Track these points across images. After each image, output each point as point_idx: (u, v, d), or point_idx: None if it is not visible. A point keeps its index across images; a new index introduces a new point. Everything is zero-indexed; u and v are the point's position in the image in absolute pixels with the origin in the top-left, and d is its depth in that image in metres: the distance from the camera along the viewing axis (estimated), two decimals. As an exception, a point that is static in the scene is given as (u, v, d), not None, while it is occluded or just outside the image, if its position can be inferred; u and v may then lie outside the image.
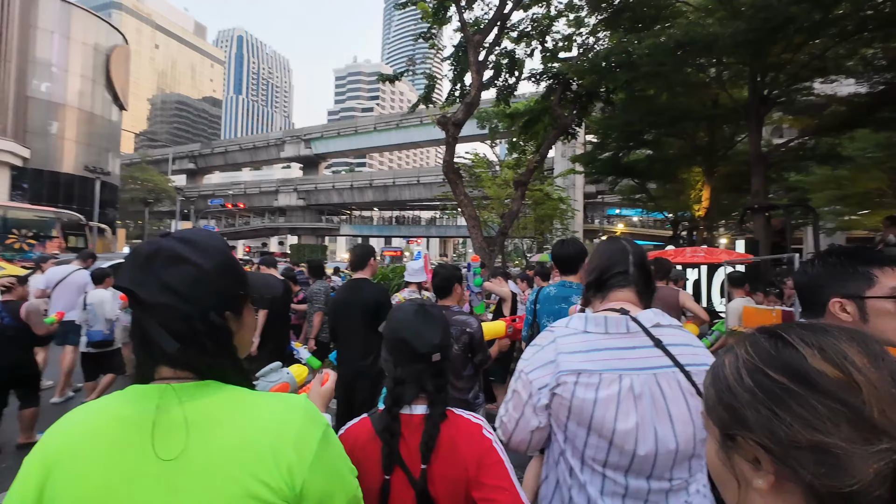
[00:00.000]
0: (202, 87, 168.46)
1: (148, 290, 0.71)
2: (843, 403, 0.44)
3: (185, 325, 0.71)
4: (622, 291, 1.22)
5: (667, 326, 1.14)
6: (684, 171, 14.71)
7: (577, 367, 1.09)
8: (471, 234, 10.92)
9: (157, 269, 0.72)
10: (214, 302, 0.75)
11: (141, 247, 0.76)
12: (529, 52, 12.70)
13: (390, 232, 56.01)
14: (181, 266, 0.73)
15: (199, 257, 0.75)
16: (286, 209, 54.81)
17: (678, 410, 1.06)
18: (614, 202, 41.55)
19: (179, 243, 0.76)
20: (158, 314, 0.71)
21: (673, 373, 1.08)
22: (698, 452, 1.08)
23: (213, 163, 60.56)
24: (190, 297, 0.72)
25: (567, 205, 20.94)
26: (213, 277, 0.75)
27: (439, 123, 10.04)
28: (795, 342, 0.49)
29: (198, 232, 0.80)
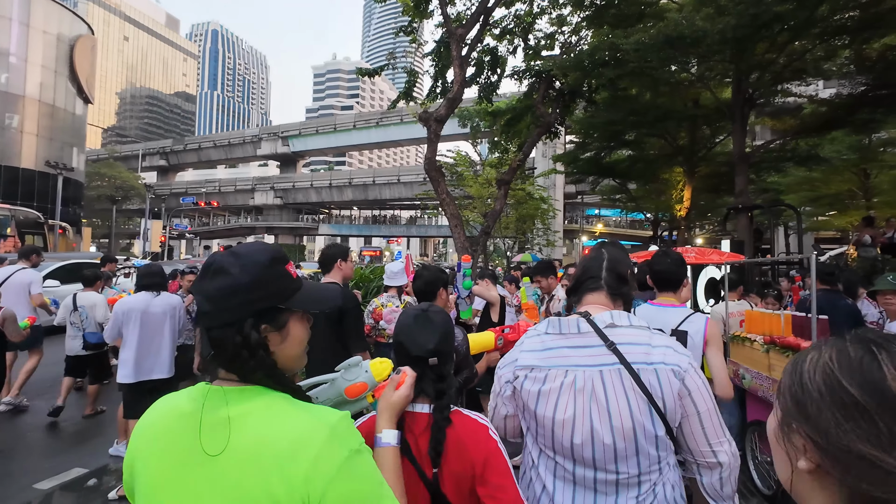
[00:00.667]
0: (174, 81, 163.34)
1: (199, 298, 0.82)
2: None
3: (221, 332, 0.80)
4: (593, 295, 1.32)
5: (623, 327, 1.21)
6: (665, 172, 14.78)
7: (530, 363, 1.24)
8: (453, 234, 10.64)
9: (207, 279, 0.82)
10: (248, 313, 0.81)
11: (205, 261, 0.85)
12: (512, 50, 12.54)
13: (370, 231, 55.29)
14: (222, 278, 0.81)
15: (238, 270, 0.81)
16: (263, 208, 53.51)
17: (617, 406, 1.13)
18: (594, 202, 41.99)
19: (229, 256, 0.83)
20: (203, 321, 0.81)
21: (618, 370, 1.15)
22: (644, 450, 1.12)
23: (185, 160, 58.63)
24: (224, 307, 0.80)
25: (548, 205, 20.88)
26: (247, 289, 0.81)
27: (421, 119, 9.73)
28: (882, 360, 0.48)
29: (250, 245, 0.88)
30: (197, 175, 70.18)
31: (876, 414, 0.46)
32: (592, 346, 1.19)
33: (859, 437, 0.46)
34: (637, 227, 42.31)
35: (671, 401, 1.12)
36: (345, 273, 2.75)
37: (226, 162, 62.60)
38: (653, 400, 1.12)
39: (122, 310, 3.16)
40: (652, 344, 1.18)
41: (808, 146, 10.40)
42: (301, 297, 0.89)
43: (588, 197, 38.92)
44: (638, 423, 1.11)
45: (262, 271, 0.82)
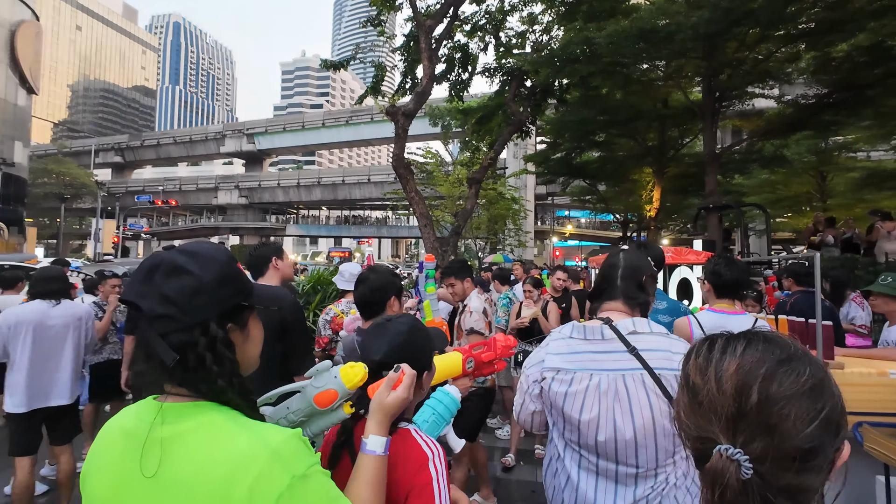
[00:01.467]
0: (132, 75, 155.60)
1: (149, 301, 0.73)
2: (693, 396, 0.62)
3: (185, 336, 0.73)
4: (611, 303, 1.40)
5: (645, 333, 1.29)
6: (635, 172, 14.87)
7: (557, 365, 1.33)
8: (422, 234, 10.24)
9: (158, 281, 0.74)
10: (215, 312, 0.76)
11: (145, 260, 0.78)
12: (483, 47, 12.28)
13: (339, 232, 54.10)
14: (181, 277, 0.75)
15: (198, 268, 0.76)
16: (227, 207, 51.46)
17: (640, 407, 1.22)
18: (564, 204, 42.46)
19: (181, 255, 0.77)
20: (159, 326, 0.73)
21: (641, 374, 1.24)
22: (662, 445, 1.21)
23: (143, 156, 55.71)
24: (189, 307, 0.74)
25: (520, 205, 20.76)
26: (213, 288, 0.76)
27: (388, 113, 9.28)
28: (706, 346, 0.64)
29: (202, 245, 0.83)
30: (156, 173, 66.91)
31: (683, 387, 0.64)
32: (616, 352, 1.28)
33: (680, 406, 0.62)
34: (606, 228, 43.06)
35: None
36: (283, 273, 2.30)
37: (187, 159, 59.99)
38: (672, 402, 1.15)
39: (9, 323, 2.57)
40: (672, 350, 1.27)
41: (774, 147, 10.59)
42: (257, 293, 0.87)
43: (558, 198, 39.31)
44: (658, 423, 1.20)
45: (224, 268, 0.79)
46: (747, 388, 0.53)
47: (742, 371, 0.54)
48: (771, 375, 0.53)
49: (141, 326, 0.75)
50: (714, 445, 0.54)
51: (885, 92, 7.24)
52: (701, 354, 0.60)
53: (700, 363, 0.59)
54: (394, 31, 12.96)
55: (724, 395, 0.54)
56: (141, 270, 0.76)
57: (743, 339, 0.58)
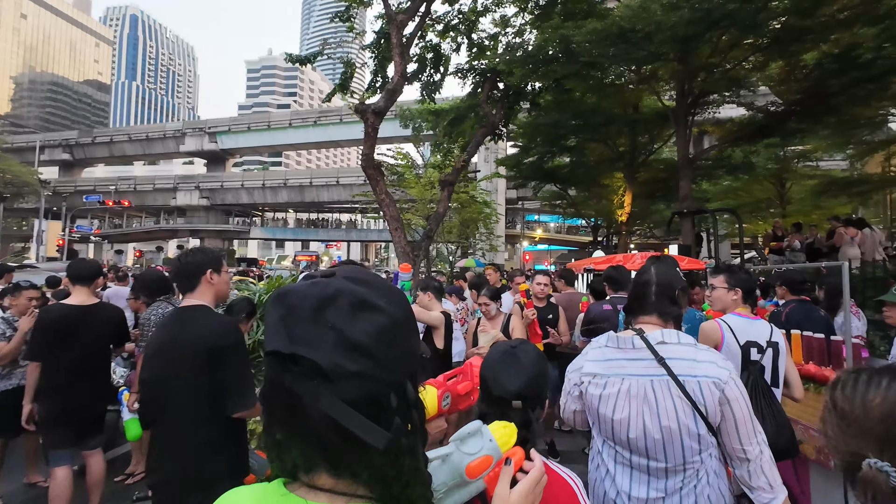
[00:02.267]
0: (84, 68, 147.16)
1: (326, 353, 0.50)
2: (842, 418, 0.73)
3: (377, 404, 0.51)
4: (646, 317, 1.53)
5: (672, 344, 1.42)
6: (606, 177, 14.96)
7: (593, 371, 1.49)
8: (392, 238, 9.81)
9: (336, 320, 0.52)
10: (410, 368, 0.57)
11: (300, 292, 0.54)
12: (456, 48, 12.03)
13: (306, 235, 52.65)
14: (372, 317, 0.53)
15: (388, 304, 0.55)
16: (186, 209, 49.08)
17: (665, 409, 1.35)
18: (534, 208, 42.86)
19: (358, 285, 0.56)
20: (347, 389, 0.50)
21: (666, 381, 1.37)
22: (688, 444, 1.34)
23: (94, 154, 52.41)
24: (387, 360, 0.53)
25: (492, 209, 20.59)
26: (407, 333, 0.58)
27: (357, 111, 8.83)
28: (854, 378, 0.74)
29: (360, 269, 0.62)
30: (109, 172, 63.08)
31: (831, 410, 0.75)
32: (645, 360, 1.40)
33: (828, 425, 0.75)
34: (575, 233, 43.74)
35: (712, 406, 1.33)
36: (218, 290, 1.84)
37: (143, 158, 57.02)
38: (696, 405, 1.33)
39: None
40: (697, 359, 1.38)
41: (744, 153, 10.81)
42: None
43: (528, 203, 39.62)
44: (682, 423, 1.33)
45: (408, 303, 0.60)
46: (892, 417, 0.67)
47: (887, 402, 0.68)
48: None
49: (293, 382, 0.50)
50: (862, 459, 0.67)
51: (848, 101, 7.43)
52: (848, 386, 0.73)
53: (848, 394, 0.72)
54: (364, 27, 12.49)
55: (871, 421, 0.68)
56: (300, 305, 0.52)
57: (887, 375, 0.71)
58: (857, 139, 10.21)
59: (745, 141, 9.29)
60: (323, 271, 0.61)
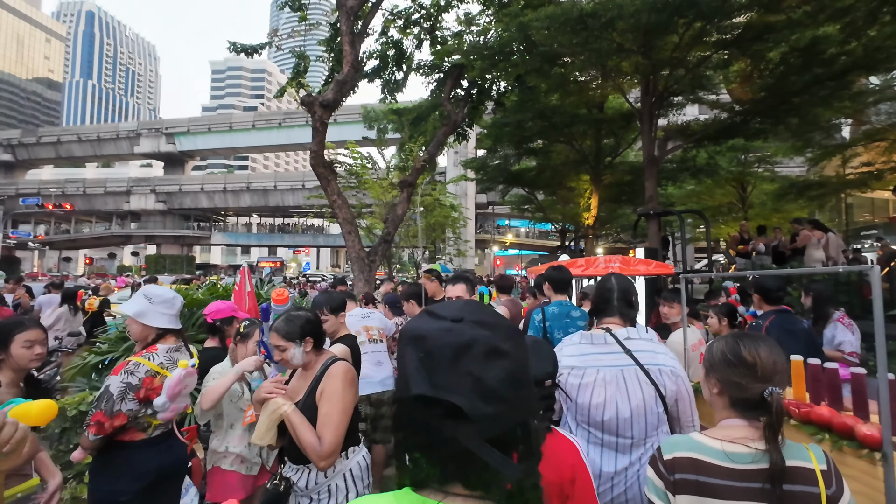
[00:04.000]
0: (33, 64, 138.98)
1: (467, 397, 0.58)
2: (749, 369, 1.12)
3: (505, 438, 0.61)
4: (610, 318, 1.82)
5: (636, 339, 1.73)
6: (572, 180, 14.70)
7: (571, 364, 1.72)
8: (346, 242, 9.12)
9: (472, 367, 0.59)
10: (533, 403, 0.67)
11: (436, 337, 0.62)
12: (417, 44, 11.50)
13: (272, 241, 50.87)
14: (503, 363, 0.61)
15: (513, 348, 0.63)
16: (141, 213, 46.57)
17: (634, 393, 1.63)
18: (504, 213, 42.76)
19: (485, 330, 0.62)
20: (483, 428, 0.58)
21: (634, 370, 1.66)
22: (650, 421, 1.63)
23: (39, 155, 49.17)
24: (517, 402, 0.62)
25: (459, 213, 20.11)
26: (528, 371, 0.66)
27: (303, 104, 8.13)
28: (741, 344, 1.16)
29: (483, 309, 0.68)
30: (57, 174, 59.29)
31: (737, 365, 1.13)
32: (615, 353, 1.70)
33: (734, 375, 1.13)
34: (546, 237, 43.91)
35: (671, 390, 1.66)
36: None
37: (95, 160, 53.85)
38: (658, 389, 1.64)
39: None
40: (656, 351, 1.72)
41: (708, 154, 10.70)
42: None
43: (499, 207, 39.45)
44: (647, 404, 1.62)
45: (525, 342, 0.66)
46: (774, 362, 1.12)
47: (770, 353, 1.13)
48: (779, 354, 1.13)
49: (433, 418, 0.59)
50: (762, 391, 1.10)
51: (809, 100, 7.29)
52: (743, 345, 1.16)
53: (748, 349, 1.15)
54: (327, 21, 11.80)
55: (765, 365, 1.11)
56: (439, 352, 0.59)
57: (757, 338, 1.18)
58: (816, 143, 10.27)
59: (709, 140, 9.12)
60: (451, 313, 0.64)
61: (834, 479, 1.07)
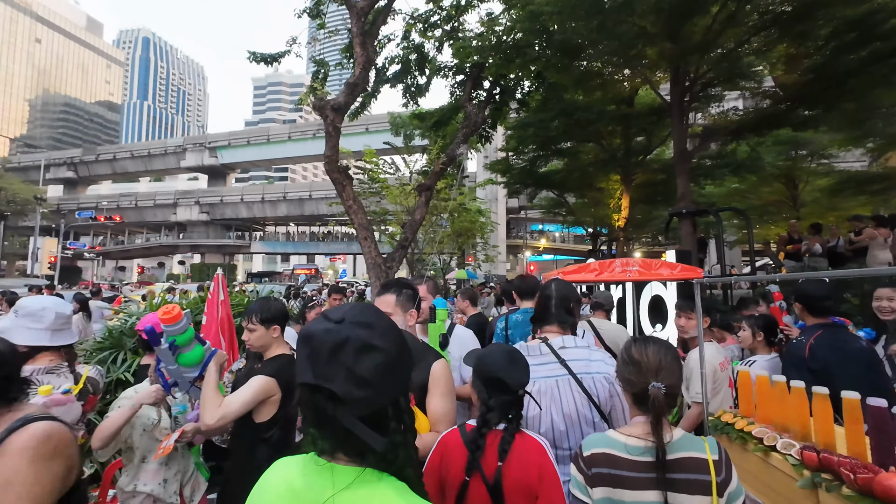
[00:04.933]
0: (96, 89, 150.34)
1: (342, 384, 0.71)
2: (636, 366, 1.28)
3: (378, 415, 0.74)
4: (549, 326, 1.86)
5: (572, 348, 1.76)
6: (602, 180, 13.98)
7: None
8: (362, 248, 8.89)
9: (346, 360, 0.72)
10: (403, 386, 0.79)
11: (319, 336, 0.75)
12: (438, 47, 11.30)
13: (308, 249, 52.07)
14: (372, 355, 0.74)
15: (384, 342, 0.76)
16: (186, 224, 48.89)
17: (567, 403, 1.65)
18: (537, 217, 41.86)
19: (361, 329, 0.76)
20: (356, 409, 0.72)
21: (567, 379, 1.68)
22: (585, 430, 1.63)
23: (97, 172, 52.77)
24: (385, 386, 0.74)
25: (487, 217, 19.64)
26: (401, 361, 0.78)
27: (315, 108, 8.00)
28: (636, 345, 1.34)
29: (368, 311, 0.80)
30: (114, 189, 63.51)
31: (629, 363, 1.29)
32: (550, 363, 1.72)
33: (625, 371, 1.30)
34: (580, 242, 42.59)
35: (604, 397, 1.66)
36: None
37: (146, 174, 57.21)
38: (591, 398, 1.64)
39: None
40: (591, 359, 1.72)
41: (750, 147, 9.75)
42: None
43: (531, 212, 38.64)
44: (581, 413, 1.63)
45: (401, 336, 0.80)
46: (661, 361, 1.25)
47: (658, 353, 1.26)
48: (666, 353, 1.27)
49: (318, 401, 0.73)
50: (647, 386, 1.22)
51: (867, 81, 6.42)
52: (634, 349, 1.30)
53: (638, 349, 1.29)
54: (341, 28, 11.81)
55: (652, 363, 1.25)
56: (319, 349, 0.73)
57: (650, 340, 1.32)
58: (878, 131, 9.11)
59: (750, 132, 8.28)
60: (336, 315, 0.77)
61: (724, 467, 1.19)
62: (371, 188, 14.29)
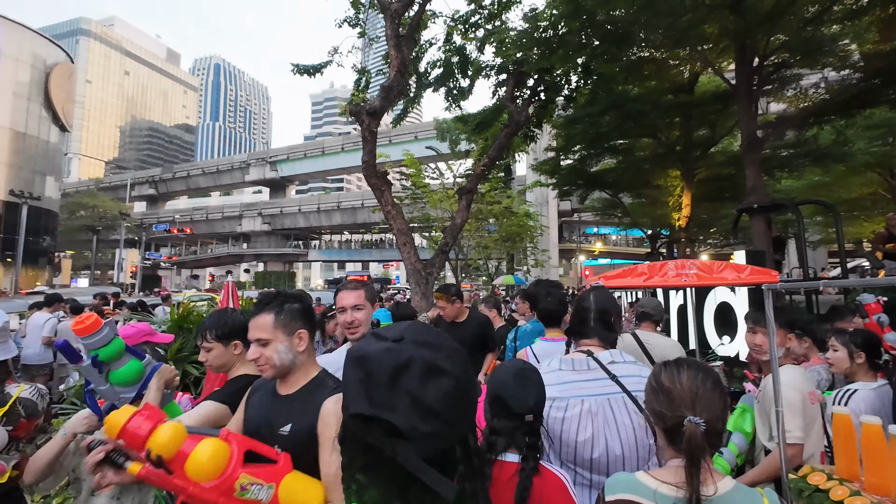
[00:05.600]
0: (174, 113, 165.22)
1: (404, 415, 0.58)
2: (667, 396, 1.04)
3: (445, 456, 0.61)
4: (587, 340, 1.66)
5: (621, 363, 1.57)
6: (659, 177, 12.92)
7: (552, 395, 1.44)
8: (401, 253, 8.77)
9: (412, 386, 0.59)
10: (471, 421, 0.66)
11: (377, 358, 0.62)
12: (480, 47, 11.02)
13: (362, 256, 53.45)
14: (440, 381, 0.60)
15: (453, 366, 0.62)
16: (251, 235, 52.00)
17: (624, 425, 1.45)
18: (591, 220, 40.17)
19: (427, 349, 0.62)
20: (420, 447, 0.58)
21: (622, 397, 1.49)
22: (642, 455, 1.44)
23: (174, 188, 57.69)
24: (453, 420, 0.61)
25: (535, 221, 18.94)
26: (469, 390, 0.64)
27: (351, 113, 8.00)
28: (664, 369, 1.10)
29: (429, 330, 0.68)
30: (189, 203, 69.11)
31: (659, 392, 1.09)
32: (600, 379, 1.51)
33: (654, 402, 1.07)
34: (639, 245, 40.38)
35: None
36: None
37: (215, 189, 61.62)
38: (648, 420, 1.39)
39: None
40: (642, 375, 1.49)
41: (836, 130, 8.46)
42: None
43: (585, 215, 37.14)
44: (639, 437, 1.43)
45: (468, 361, 0.66)
46: (697, 389, 1.02)
47: (691, 380, 1.04)
48: (704, 379, 1.04)
49: (374, 438, 0.58)
50: (682, 420, 0.98)
51: None
52: (666, 370, 1.09)
53: (668, 374, 1.07)
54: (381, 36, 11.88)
55: (685, 392, 1.03)
56: (377, 371, 0.59)
57: (684, 364, 1.09)
58: None
59: (835, 114, 7.13)
60: (394, 333, 0.64)
61: None
62: (414, 193, 14.21)
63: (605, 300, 1.70)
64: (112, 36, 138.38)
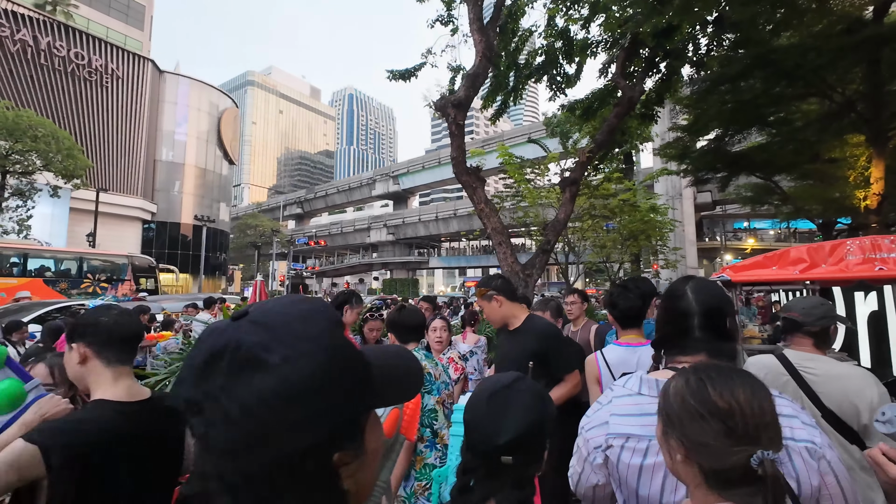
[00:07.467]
0: (317, 141, 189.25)
1: (205, 419, 0.42)
2: (724, 423, 0.74)
3: (254, 482, 0.43)
4: (687, 355, 1.14)
5: None
6: (833, 147, 10.01)
7: (626, 431, 1.07)
8: (497, 254, 8.12)
9: (218, 382, 0.42)
10: (317, 437, 0.44)
11: (203, 338, 0.45)
12: (584, 24, 9.96)
13: (479, 262, 53.81)
14: (255, 377, 0.42)
15: (284, 359, 0.42)
16: (378, 245, 56.20)
17: None
18: (740, 213, 34.26)
19: (258, 334, 0.43)
20: (226, 464, 0.42)
21: None
22: None
23: (316, 206, 65.44)
24: (271, 433, 0.41)
25: (664, 216, 16.47)
26: (313, 392, 0.43)
27: (437, 108, 7.66)
28: (708, 384, 0.77)
29: (287, 303, 0.48)
30: (329, 219, 78.03)
31: (706, 418, 0.75)
32: None
33: (699, 433, 0.75)
34: (808, 239, 33.09)
35: (807, 485, 0.90)
36: None
37: (348, 205, 68.29)
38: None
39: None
40: (780, 412, 0.95)
41: None
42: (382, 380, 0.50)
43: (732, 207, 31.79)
44: None
45: (328, 353, 0.44)
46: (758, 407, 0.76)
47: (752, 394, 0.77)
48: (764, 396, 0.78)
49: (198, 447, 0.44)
50: (749, 456, 0.71)
51: None
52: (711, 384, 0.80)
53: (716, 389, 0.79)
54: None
55: (749, 410, 0.75)
56: (197, 353, 0.44)
57: (728, 372, 0.81)
58: None
59: None
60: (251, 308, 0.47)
61: None
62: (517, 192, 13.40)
63: (712, 293, 1.16)
64: (269, 82, 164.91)
